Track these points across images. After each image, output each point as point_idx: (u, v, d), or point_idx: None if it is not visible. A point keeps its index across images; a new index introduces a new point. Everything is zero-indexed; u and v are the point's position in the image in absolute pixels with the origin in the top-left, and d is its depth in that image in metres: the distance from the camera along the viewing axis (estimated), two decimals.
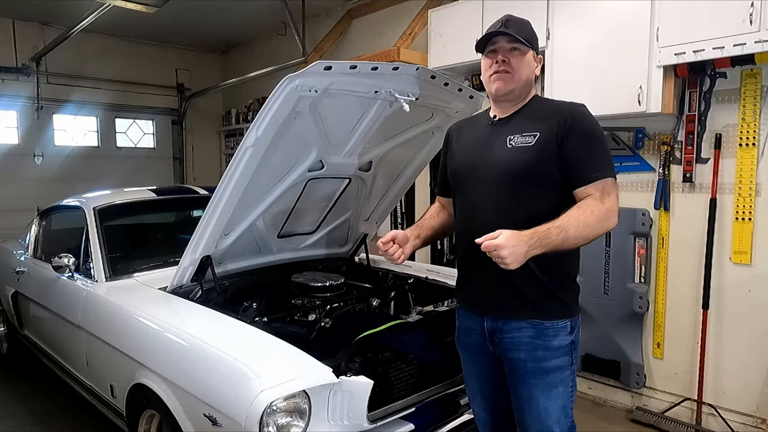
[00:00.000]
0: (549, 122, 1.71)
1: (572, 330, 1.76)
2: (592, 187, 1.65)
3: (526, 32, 1.78)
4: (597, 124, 1.73)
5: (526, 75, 1.77)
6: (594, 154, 1.68)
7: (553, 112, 1.74)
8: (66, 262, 2.87)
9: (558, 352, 1.73)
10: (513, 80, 1.75)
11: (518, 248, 1.50)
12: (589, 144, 1.68)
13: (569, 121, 1.69)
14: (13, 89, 5.90)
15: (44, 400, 3.67)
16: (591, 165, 1.66)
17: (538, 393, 1.74)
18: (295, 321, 2.54)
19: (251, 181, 2.28)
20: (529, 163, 1.70)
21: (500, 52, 1.76)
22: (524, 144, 1.72)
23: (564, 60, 3.33)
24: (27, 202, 5.34)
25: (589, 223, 1.59)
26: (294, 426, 1.79)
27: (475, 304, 1.86)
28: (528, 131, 1.73)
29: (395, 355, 2.20)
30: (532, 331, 1.73)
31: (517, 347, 1.75)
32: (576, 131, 1.68)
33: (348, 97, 2.21)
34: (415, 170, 2.99)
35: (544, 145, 1.69)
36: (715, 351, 3.18)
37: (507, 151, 1.75)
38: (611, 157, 1.73)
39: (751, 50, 2.65)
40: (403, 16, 4.76)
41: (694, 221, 3.21)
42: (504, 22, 1.77)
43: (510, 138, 1.75)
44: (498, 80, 1.76)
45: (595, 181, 1.64)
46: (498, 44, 1.77)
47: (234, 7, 5.51)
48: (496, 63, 1.77)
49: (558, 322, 1.73)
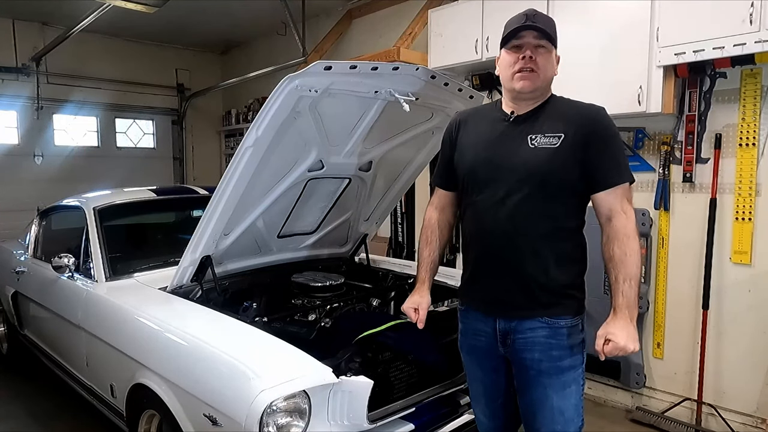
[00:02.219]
0: (573, 124, 1.68)
1: (583, 328, 1.77)
2: (612, 193, 1.66)
3: (553, 29, 1.72)
4: (615, 127, 1.72)
5: (550, 73, 1.74)
6: (614, 158, 1.68)
7: (576, 113, 1.71)
8: (66, 262, 2.87)
9: (571, 351, 1.74)
10: (539, 79, 1.70)
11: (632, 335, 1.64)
12: (611, 148, 1.68)
13: (593, 125, 1.68)
14: (13, 89, 5.90)
15: (44, 400, 3.67)
16: (612, 169, 1.66)
17: (552, 393, 1.73)
18: (295, 321, 2.54)
19: (251, 181, 2.28)
20: (555, 164, 1.66)
21: (526, 47, 1.68)
22: (549, 145, 1.67)
23: (564, 60, 3.31)
24: (27, 202, 5.33)
25: (635, 250, 1.65)
26: (294, 426, 1.78)
27: (490, 305, 1.80)
28: (552, 132, 1.68)
29: (395, 355, 2.20)
30: (546, 331, 1.71)
31: (530, 347, 1.73)
32: (599, 135, 1.67)
33: (348, 97, 2.21)
34: (415, 170, 2.99)
35: (569, 148, 1.66)
36: (715, 351, 3.18)
37: (530, 151, 1.69)
38: (628, 160, 1.74)
39: (751, 50, 2.65)
40: (403, 16, 4.76)
41: (694, 221, 3.21)
42: (530, 15, 1.68)
43: (532, 137, 1.70)
44: (523, 79, 1.69)
45: (615, 185, 1.66)
46: (524, 39, 1.68)
47: (234, 7, 5.51)
48: (522, 59, 1.68)
49: (571, 319, 1.73)
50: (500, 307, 1.77)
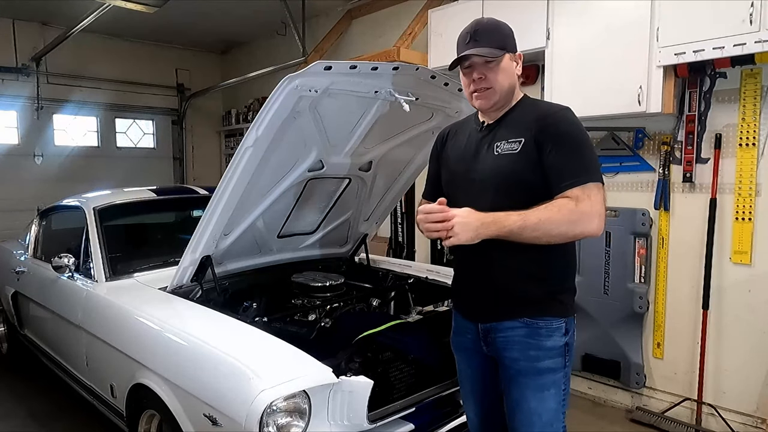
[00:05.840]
0: (531, 127, 1.66)
1: (567, 331, 1.72)
2: (570, 193, 1.58)
3: (498, 38, 1.70)
4: (577, 127, 1.65)
5: (507, 83, 1.71)
6: (572, 160, 1.60)
7: (535, 115, 1.69)
8: (66, 262, 2.87)
9: (551, 353, 1.70)
10: (495, 93, 1.71)
11: (469, 220, 1.52)
12: (567, 149, 1.61)
13: (546, 126, 1.64)
14: (13, 89, 5.90)
15: (44, 400, 3.67)
16: (569, 171, 1.59)
17: (529, 394, 1.72)
18: (295, 321, 2.54)
19: (251, 181, 2.28)
20: (516, 170, 1.66)
21: (475, 69, 1.70)
22: (511, 151, 1.67)
23: (564, 60, 3.33)
24: (27, 202, 5.34)
25: (553, 219, 1.53)
26: (294, 426, 1.79)
27: (470, 312, 1.85)
28: (513, 137, 1.68)
29: (395, 355, 2.20)
30: (525, 330, 1.70)
31: (510, 346, 1.73)
32: (553, 136, 1.62)
33: (348, 97, 2.21)
34: (415, 170, 2.99)
35: (528, 152, 1.64)
36: (715, 351, 3.18)
37: (494, 159, 1.71)
38: (595, 161, 1.64)
39: (751, 50, 2.65)
40: (403, 16, 4.76)
41: (694, 221, 3.21)
42: (472, 34, 1.70)
43: (497, 145, 1.71)
44: (480, 99, 1.73)
45: (573, 187, 1.57)
46: (471, 60, 1.70)
47: (234, 7, 5.51)
48: (474, 82, 1.72)
49: (552, 321, 1.70)
50: (479, 314, 1.80)
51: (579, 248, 3.18)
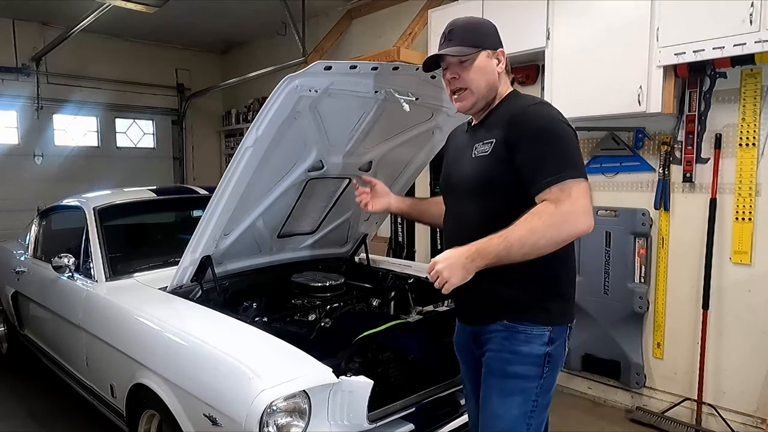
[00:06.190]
0: (503, 127, 1.60)
1: (551, 341, 1.62)
2: (548, 193, 1.48)
3: (473, 36, 1.66)
4: (551, 122, 1.56)
5: (485, 81, 1.66)
6: (546, 157, 1.51)
7: (507, 115, 1.62)
8: (66, 262, 2.87)
9: (525, 359, 1.62)
10: (472, 94, 1.67)
11: (453, 261, 1.49)
12: (539, 146, 1.52)
13: (516, 124, 1.57)
14: (13, 89, 5.90)
15: (44, 400, 3.67)
16: (544, 169, 1.49)
17: (493, 395, 1.67)
18: (295, 321, 2.54)
19: (251, 181, 2.28)
20: (488, 172, 1.62)
21: (449, 69, 1.68)
22: (483, 153, 1.64)
23: (564, 60, 3.33)
24: (27, 202, 5.34)
25: (536, 229, 1.45)
26: (294, 426, 1.78)
27: (461, 314, 1.87)
28: (487, 138, 1.64)
29: (395, 355, 2.20)
30: (504, 333, 1.66)
31: (489, 347, 1.71)
32: (523, 134, 1.55)
33: (348, 97, 2.21)
34: (415, 170, 2.99)
35: (498, 153, 1.59)
36: (715, 351, 3.18)
37: (470, 161, 1.69)
38: (573, 156, 1.53)
39: (751, 50, 2.65)
40: (403, 16, 4.76)
41: (694, 221, 3.21)
42: (447, 34, 1.69)
43: (476, 147, 1.68)
44: (457, 101, 1.71)
45: (550, 186, 1.48)
46: (446, 61, 1.68)
47: (234, 7, 5.51)
48: (449, 82, 1.70)
49: (533, 327, 1.62)
50: (469, 317, 1.82)
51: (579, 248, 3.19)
